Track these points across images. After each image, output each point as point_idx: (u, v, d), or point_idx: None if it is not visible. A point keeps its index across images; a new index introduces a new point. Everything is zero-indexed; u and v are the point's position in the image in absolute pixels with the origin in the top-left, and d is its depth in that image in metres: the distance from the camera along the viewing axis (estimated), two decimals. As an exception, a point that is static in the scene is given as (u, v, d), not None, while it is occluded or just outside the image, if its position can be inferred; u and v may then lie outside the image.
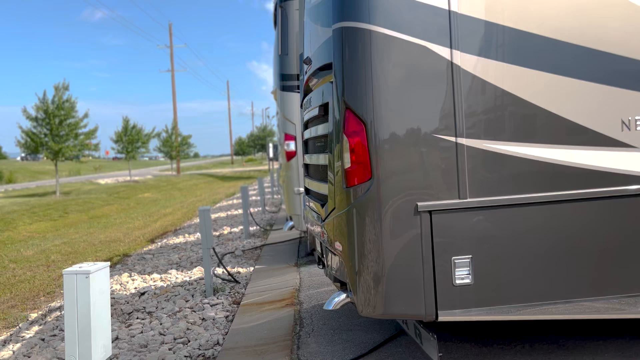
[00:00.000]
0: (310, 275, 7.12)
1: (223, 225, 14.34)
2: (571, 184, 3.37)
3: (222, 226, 14.08)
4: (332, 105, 3.60)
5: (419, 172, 3.31)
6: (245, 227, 11.75)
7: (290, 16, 7.68)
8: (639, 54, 3.39)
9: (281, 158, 8.91)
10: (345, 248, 3.49)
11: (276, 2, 8.30)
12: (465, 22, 3.31)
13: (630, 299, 3.45)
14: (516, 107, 3.36)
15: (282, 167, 8.93)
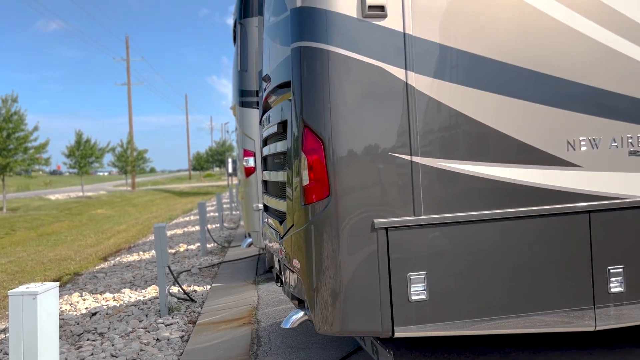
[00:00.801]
0: (269, 293, 7.06)
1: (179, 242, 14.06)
2: (521, 201, 3.49)
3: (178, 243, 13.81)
4: (291, 122, 3.62)
5: (375, 190, 3.37)
6: (202, 244, 11.56)
7: (250, 33, 7.71)
8: (582, 77, 3.57)
9: (240, 174, 8.86)
10: (303, 265, 3.49)
11: (236, 19, 8.32)
12: (420, 45, 3.41)
13: (578, 312, 3.59)
14: (469, 127, 3.47)
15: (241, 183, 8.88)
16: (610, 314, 3.62)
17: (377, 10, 3.32)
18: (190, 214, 24.61)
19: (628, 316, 3.65)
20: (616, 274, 3.59)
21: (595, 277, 3.57)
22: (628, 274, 3.60)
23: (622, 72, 3.61)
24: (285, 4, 3.70)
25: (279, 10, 3.95)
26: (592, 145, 3.57)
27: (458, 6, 3.47)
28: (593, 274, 3.57)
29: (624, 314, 3.63)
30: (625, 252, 3.61)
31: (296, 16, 3.48)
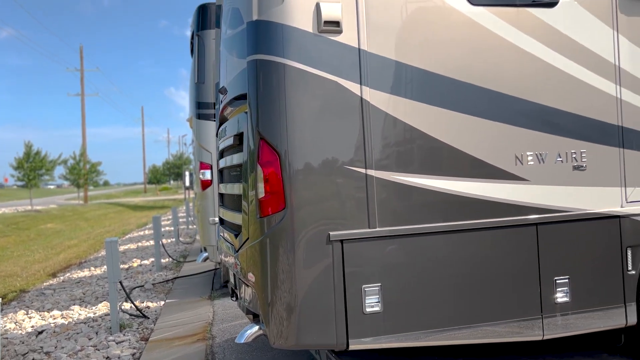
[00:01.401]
0: (225, 308, 6.95)
1: (133, 257, 13.70)
2: (472, 214, 3.58)
3: (132, 258, 13.45)
4: (247, 135, 3.61)
5: (331, 202, 3.39)
6: (156, 259, 11.30)
7: (207, 45, 7.68)
8: (529, 95, 3.72)
9: (196, 187, 8.74)
10: (258, 279, 3.46)
11: (193, 31, 8.27)
12: (374, 60, 3.47)
13: (528, 322, 3.69)
14: (422, 142, 3.55)
15: (197, 197, 8.76)
16: (558, 323, 3.74)
17: (332, 26, 3.37)
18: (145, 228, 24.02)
19: (574, 325, 3.78)
20: (562, 284, 3.72)
21: (543, 288, 3.69)
22: (573, 284, 3.74)
23: (566, 90, 3.78)
24: (242, 17, 3.71)
25: (236, 23, 3.95)
26: (538, 159, 3.71)
27: (412, 24, 3.56)
28: (541, 285, 3.69)
29: (570, 323, 3.76)
30: (570, 263, 3.75)
31: (252, 29, 3.49)
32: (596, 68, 3.83)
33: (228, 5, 4.38)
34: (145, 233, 20.96)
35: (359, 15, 3.44)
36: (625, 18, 3.90)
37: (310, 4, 3.37)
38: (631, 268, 3.86)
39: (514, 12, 3.70)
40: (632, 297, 3.87)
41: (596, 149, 3.81)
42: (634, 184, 3.88)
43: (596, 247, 3.81)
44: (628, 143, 3.87)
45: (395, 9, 3.52)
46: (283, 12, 3.36)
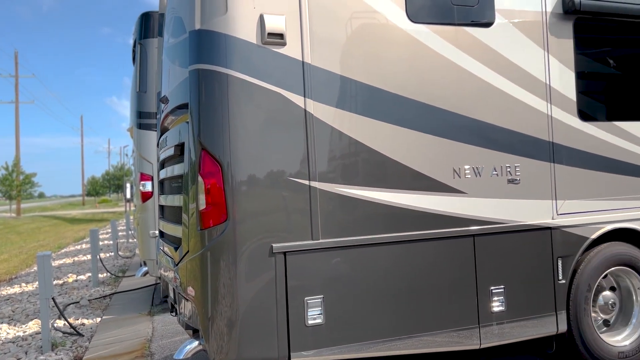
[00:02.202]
0: (165, 324, 6.74)
1: (68, 272, 13.09)
2: (413, 225, 3.65)
3: (67, 273, 12.84)
4: (188, 145, 3.54)
5: (274, 214, 3.37)
6: (93, 274, 10.84)
7: (150, 53, 7.52)
8: (467, 111, 3.85)
9: (136, 199, 8.48)
10: (198, 293, 3.38)
11: (135, 39, 8.09)
12: (319, 74, 3.50)
13: (466, 332, 3.78)
14: (365, 155, 3.60)
15: (137, 209, 8.49)
16: (494, 332, 3.85)
17: (276, 38, 3.38)
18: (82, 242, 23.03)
19: (510, 334, 3.91)
20: (498, 293, 3.84)
21: (480, 298, 3.80)
22: (508, 293, 3.87)
23: (501, 107, 3.94)
24: (185, 26, 3.66)
25: (178, 31, 3.89)
26: (475, 173, 3.84)
27: (356, 39, 3.62)
28: (477, 295, 3.80)
29: (506, 332, 3.89)
30: (505, 273, 3.89)
31: (195, 38, 3.44)
32: (529, 86, 4.01)
33: (171, 14, 4.31)
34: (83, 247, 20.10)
35: (302, 29, 3.46)
36: (555, 40, 4.13)
37: (254, 15, 3.36)
38: (562, 277, 4.04)
39: (453, 31, 3.83)
40: (562, 305, 4.04)
41: (529, 164, 3.99)
42: (563, 197, 4.08)
43: (529, 258, 3.97)
44: (558, 158, 4.07)
45: (339, 24, 3.58)
46: (226, 22, 3.34)
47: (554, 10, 4.14)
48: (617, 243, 4.26)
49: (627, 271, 4.31)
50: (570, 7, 4.12)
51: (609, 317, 4.34)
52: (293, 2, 3.45)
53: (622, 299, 4.39)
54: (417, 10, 3.74)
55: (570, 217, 4.08)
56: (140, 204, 7.91)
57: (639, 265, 4.29)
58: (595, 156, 4.20)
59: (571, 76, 4.16)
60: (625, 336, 4.31)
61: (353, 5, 3.62)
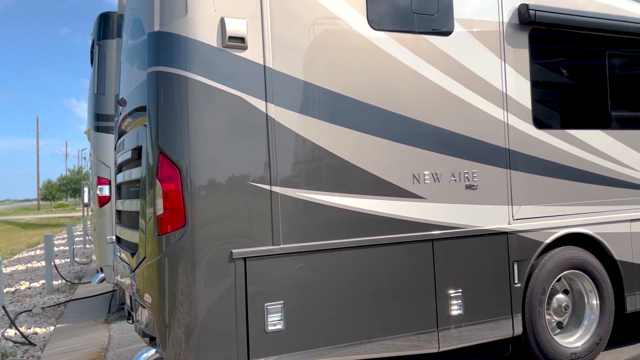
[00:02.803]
0: (122, 332, 6.57)
1: (21, 279, 12.60)
2: (373, 230, 3.68)
3: (19, 281, 12.37)
4: (146, 148, 3.47)
5: (234, 219, 3.33)
6: (47, 281, 10.47)
7: (108, 55, 7.37)
8: (426, 117, 3.90)
9: (93, 204, 8.26)
10: (155, 300, 3.31)
11: (94, 39, 7.90)
12: (280, 78, 3.49)
13: (427, 335, 3.83)
14: (327, 160, 3.60)
15: (95, 214, 8.27)
16: (453, 335, 3.91)
17: (237, 42, 3.35)
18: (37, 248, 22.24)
19: (468, 337, 3.97)
20: (456, 297, 3.90)
21: (439, 301, 3.85)
22: (466, 297, 3.94)
23: (459, 114, 4.01)
24: (143, 28, 3.59)
25: (137, 33, 3.82)
26: (434, 179, 3.90)
27: (318, 45, 3.63)
28: (437, 299, 3.84)
29: (464, 335, 3.95)
30: (463, 277, 3.95)
31: (154, 40, 3.38)
32: (486, 94, 4.11)
33: (130, 15, 4.23)
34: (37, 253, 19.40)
35: (264, 33, 3.45)
36: (511, 49, 4.24)
37: (215, 18, 3.33)
38: (517, 281, 4.14)
39: (413, 39, 3.89)
40: (518, 308, 4.14)
41: (486, 170, 4.08)
42: (519, 202, 4.19)
43: (486, 262, 4.05)
44: (514, 164, 4.18)
45: (301, 29, 3.58)
46: (186, 25, 3.29)
47: (510, 21, 4.26)
48: (570, 247, 4.39)
49: (579, 274, 4.45)
50: (526, 18, 4.24)
51: (562, 320, 4.47)
52: (254, 6, 3.43)
53: (574, 302, 4.53)
54: (378, 18, 3.78)
55: (525, 222, 4.19)
56: (97, 208, 7.71)
57: (591, 268, 4.44)
58: (550, 163, 4.33)
59: (527, 85, 4.28)
60: (577, 337, 4.44)
61: (315, 11, 3.63)
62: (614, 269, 4.55)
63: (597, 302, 4.47)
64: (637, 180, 4.69)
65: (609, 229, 4.52)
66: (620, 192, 4.61)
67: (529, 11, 4.22)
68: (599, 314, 4.46)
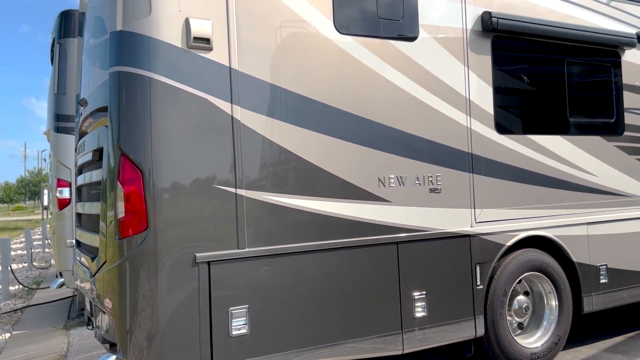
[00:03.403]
0: (82, 338, 6.40)
1: (-25, 285, 12.12)
2: (339, 233, 3.69)
3: (-27, 286, 11.89)
4: (107, 150, 3.39)
5: (198, 223, 3.29)
6: (3, 286, 10.12)
7: (70, 54, 7.19)
8: (391, 121, 3.94)
9: (53, 206, 8.03)
10: (116, 305, 3.23)
11: (54, 38, 7.70)
12: (247, 81, 3.46)
13: (391, 337, 3.85)
14: (293, 163, 3.60)
15: (54, 217, 8.04)
16: (417, 337, 3.95)
17: (202, 43, 3.31)
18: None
19: (431, 339, 4.02)
20: (420, 299, 3.95)
21: (403, 304, 3.89)
22: (430, 299, 3.99)
23: (424, 118, 4.07)
24: (105, 27, 3.52)
25: (99, 32, 3.74)
26: (399, 182, 3.93)
27: (285, 48, 3.62)
28: (401, 301, 3.88)
29: (427, 337, 4.00)
30: (427, 280, 4.00)
31: (116, 40, 3.32)
32: (450, 99, 4.18)
33: (91, 14, 4.13)
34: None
35: (230, 34, 3.42)
36: (474, 56, 4.33)
37: (180, 19, 3.28)
38: (480, 283, 4.22)
39: (379, 44, 3.92)
40: (480, 310, 4.22)
41: (450, 174, 4.14)
42: (481, 205, 4.27)
43: (450, 264, 4.11)
44: (477, 168, 4.26)
45: (268, 32, 3.56)
46: (150, 25, 3.23)
47: (474, 28, 4.34)
48: (531, 250, 4.50)
49: (539, 276, 4.56)
50: (488, 26, 4.34)
51: (523, 320, 4.57)
52: (220, 7, 3.40)
53: (534, 303, 4.64)
54: (344, 22, 3.80)
55: (487, 225, 4.28)
56: (57, 211, 7.50)
57: (550, 270, 4.56)
58: (511, 167, 4.43)
59: (489, 91, 4.37)
60: (537, 338, 4.55)
61: (282, 14, 3.62)
62: (571, 271, 4.69)
63: (556, 303, 4.59)
64: (593, 184, 4.85)
65: (567, 232, 4.66)
66: (578, 196, 4.75)
67: (491, 19, 4.32)
68: (558, 314, 4.58)
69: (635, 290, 5.02)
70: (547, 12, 4.71)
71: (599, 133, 4.98)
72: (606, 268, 4.85)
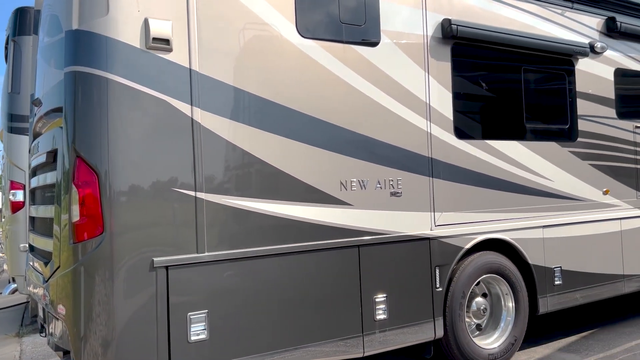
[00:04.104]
0: (35, 346, 6.20)
1: None
2: (301, 237, 3.68)
3: None
4: (62, 152, 3.30)
5: (156, 227, 3.23)
6: (-47, 292, 9.69)
7: (24, 52, 6.99)
8: (353, 125, 3.96)
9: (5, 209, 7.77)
10: (69, 311, 3.14)
11: (8, 35, 7.47)
12: (207, 83, 3.43)
13: (353, 340, 3.87)
14: (254, 166, 3.57)
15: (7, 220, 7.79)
16: (377, 340, 3.98)
17: (161, 43, 3.26)
18: (-59, 257, 20.54)
19: (392, 341, 4.06)
20: (381, 302, 3.98)
21: (364, 307, 3.91)
22: (390, 302, 4.02)
23: (385, 123, 4.11)
24: (61, 25, 3.42)
25: (54, 31, 3.63)
26: (361, 186, 3.96)
27: (246, 50, 3.59)
28: (362, 304, 3.90)
29: (388, 339, 4.03)
30: (388, 282, 4.04)
31: (72, 39, 3.23)
32: (410, 104, 4.23)
33: (47, 11, 4.02)
34: (-59, 263, 17.90)
35: (190, 36, 3.38)
36: (434, 62, 4.40)
37: (138, 19, 3.22)
38: (439, 285, 4.28)
39: (341, 48, 3.94)
40: (440, 312, 4.28)
41: (410, 178, 4.19)
42: (441, 209, 4.34)
43: (410, 267, 4.16)
44: (436, 172, 4.33)
45: (229, 34, 3.53)
46: (107, 24, 3.16)
47: (434, 35, 4.42)
48: (488, 252, 4.60)
49: (496, 278, 4.67)
50: (448, 33, 4.42)
51: (481, 322, 4.66)
52: (181, 8, 3.36)
53: (492, 305, 4.74)
54: (307, 26, 3.80)
55: (446, 228, 4.35)
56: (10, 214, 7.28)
57: (507, 272, 4.67)
58: (470, 171, 4.52)
59: (449, 96, 4.45)
60: (495, 339, 4.65)
61: (244, 17, 3.59)
62: (528, 273, 4.81)
63: (512, 305, 4.70)
64: (549, 188, 4.99)
65: (524, 235, 4.78)
66: (534, 200, 4.89)
67: (451, 26, 4.40)
68: (515, 315, 4.69)
69: (588, 292, 5.20)
70: (507, 20, 4.83)
71: (554, 139, 5.14)
72: (560, 270, 5.00)
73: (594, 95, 5.41)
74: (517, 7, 4.92)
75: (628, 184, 5.59)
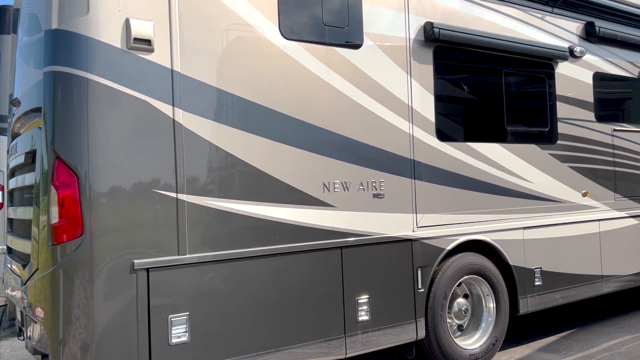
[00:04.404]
0: (13, 349, 6.10)
1: None
2: (284, 238, 3.68)
3: None
4: (40, 152, 3.26)
5: (137, 228, 3.20)
6: None
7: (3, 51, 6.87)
8: (336, 127, 3.97)
9: (-16, 211, 7.60)
10: (48, 314, 3.10)
11: (-13, 34, 7.32)
12: (189, 84, 3.41)
13: (335, 342, 3.87)
14: (237, 168, 3.56)
15: (-16, 222, 7.61)
16: (360, 341, 3.99)
17: (143, 44, 3.24)
18: None
19: (374, 342, 4.07)
20: (363, 303, 3.99)
21: (346, 308, 3.92)
22: (372, 303, 4.04)
23: (368, 125, 4.12)
24: (40, 24, 3.38)
25: (33, 30, 3.59)
26: (344, 187, 3.97)
27: (229, 52, 3.58)
28: (344, 305, 3.91)
29: (370, 340, 4.04)
30: (370, 283, 4.05)
31: (51, 38, 3.20)
32: (393, 107, 4.26)
33: (26, 10, 3.96)
34: None
35: (172, 36, 3.36)
36: (417, 64, 4.43)
37: (119, 19, 3.19)
38: (421, 286, 4.31)
39: (324, 50, 3.95)
40: (421, 312, 4.30)
41: (393, 179, 4.21)
42: (422, 210, 4.37)
43: (392, 268, 4.18)
44: (418, 174, 4.36)
45: (211, 35, 3.52)
46: (87, 24, 3.13)
47: (416, 38, 4.45)
48: (470, 254, 4.64)
49: (477, 279, 4.71)
50: (430, 36, 4.46)
51: (462, 323, 4.70)
52: (162, 8, 3.34)
53: (473, 305, 4.79)
54: (290, 27, 3.81)
55: (428, 229, 4.38)
56: (-12, 216, 7.11)
57: (488, 273, 4.71)
58: (451, 173, 4.55)
59: (431, 99, 4.49)
60: (476, 339, 4.69)
61: (226, 17, 3.58)
62: (508, 274, 4.86)
63: (493, 305, 4.75)
64: (529, 190, 5.05)
65: (504, 236, 4.83)
66: (514, 202, 4.94)
67: (433, 29, 4.44)
68: (495, 316, 4.74)
69: (567, 292, 5.27)
70: (488, 24, 4.89)
71: (534, 141, 5.21)
72: (540, 271, 5.07)
73: (574, 98, 5.50)
74: (498, 11, 4.98)
75: (606, 186, 5.68)
